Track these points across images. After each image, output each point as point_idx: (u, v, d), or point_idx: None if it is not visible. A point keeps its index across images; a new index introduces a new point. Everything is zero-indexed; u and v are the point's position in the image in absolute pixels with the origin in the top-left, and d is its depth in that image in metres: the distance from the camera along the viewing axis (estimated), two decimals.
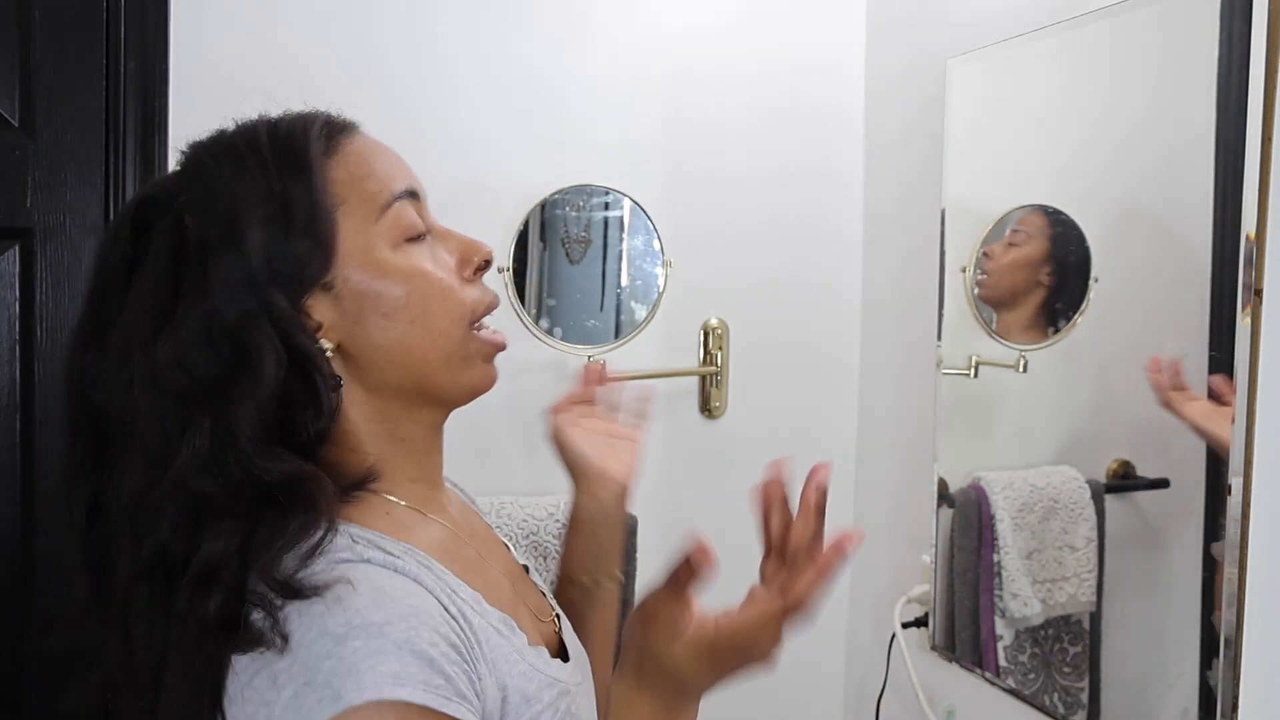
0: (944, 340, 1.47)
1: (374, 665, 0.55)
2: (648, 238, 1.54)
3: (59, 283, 1.27)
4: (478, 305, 0.71)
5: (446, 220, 0.75)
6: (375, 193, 0.67)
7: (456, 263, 0.71)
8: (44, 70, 1.25)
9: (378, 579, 0.60)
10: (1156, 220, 1.19)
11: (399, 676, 0.56)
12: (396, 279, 0.67)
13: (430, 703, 0.56)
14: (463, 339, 0.69)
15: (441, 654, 0.58)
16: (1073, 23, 1.24)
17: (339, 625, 0.56)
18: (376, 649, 0.56)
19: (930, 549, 1.49)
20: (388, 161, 0.70)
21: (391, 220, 0.67)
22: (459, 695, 0.59)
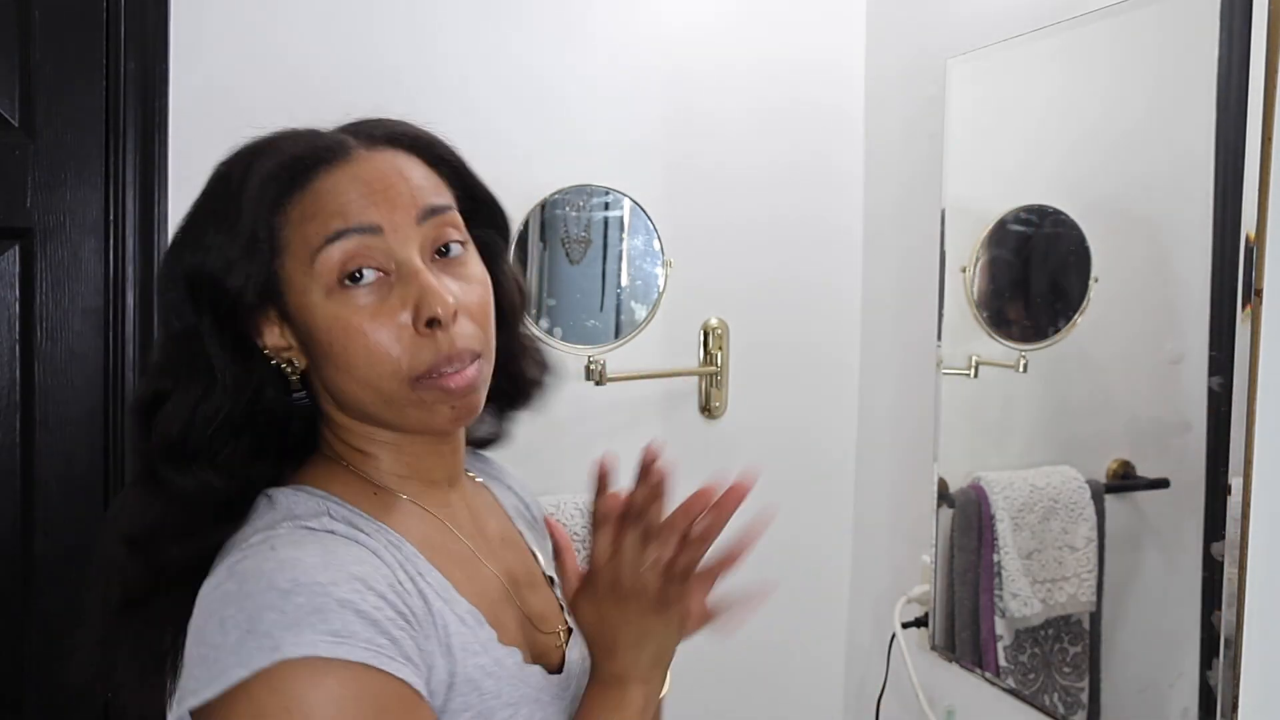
0: (944, 340, 1.47)
1: (314, 623, 0.57)
2: (648, 238, 1.54)
3: (59, 283, 1.27)
4: (417, 364, 0.66)
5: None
6: (311, 235, 0.66)
7: (410, 314, 0.65)
8: (44, 70, 1.25)
9: (333, 545, 0.63)
10: (1156, 220, 1.19)
11: (338, 634, 0.57)
12: (320, 326, 0.66)
13: (371, 660, 0.57)
14: (397, 390, 0.66)
15: (386, 617, 0.60)
16: (1073, 23, 1.24)
17: (286, 581, 0.58)
18: (319, 606, 0.57)
19: (930, 549, 1.49)
20: (344, 199, 0.66)
21: (321, 264, 0.65)
22: (404, 657, 0.60)
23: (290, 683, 0.56)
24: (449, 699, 0.64)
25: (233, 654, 0.57)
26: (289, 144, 0.68)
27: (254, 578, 0.59)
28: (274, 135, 0.70)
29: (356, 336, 0.65)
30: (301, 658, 0.56)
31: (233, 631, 0.57)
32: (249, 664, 0.56)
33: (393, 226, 0.66)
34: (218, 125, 1.33)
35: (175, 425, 0.67)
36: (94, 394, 1.29)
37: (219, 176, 0.71)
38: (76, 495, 1.29)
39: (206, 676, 0.57)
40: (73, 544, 1.29)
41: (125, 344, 1.30)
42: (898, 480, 1.65)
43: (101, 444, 1.30)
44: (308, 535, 0.63)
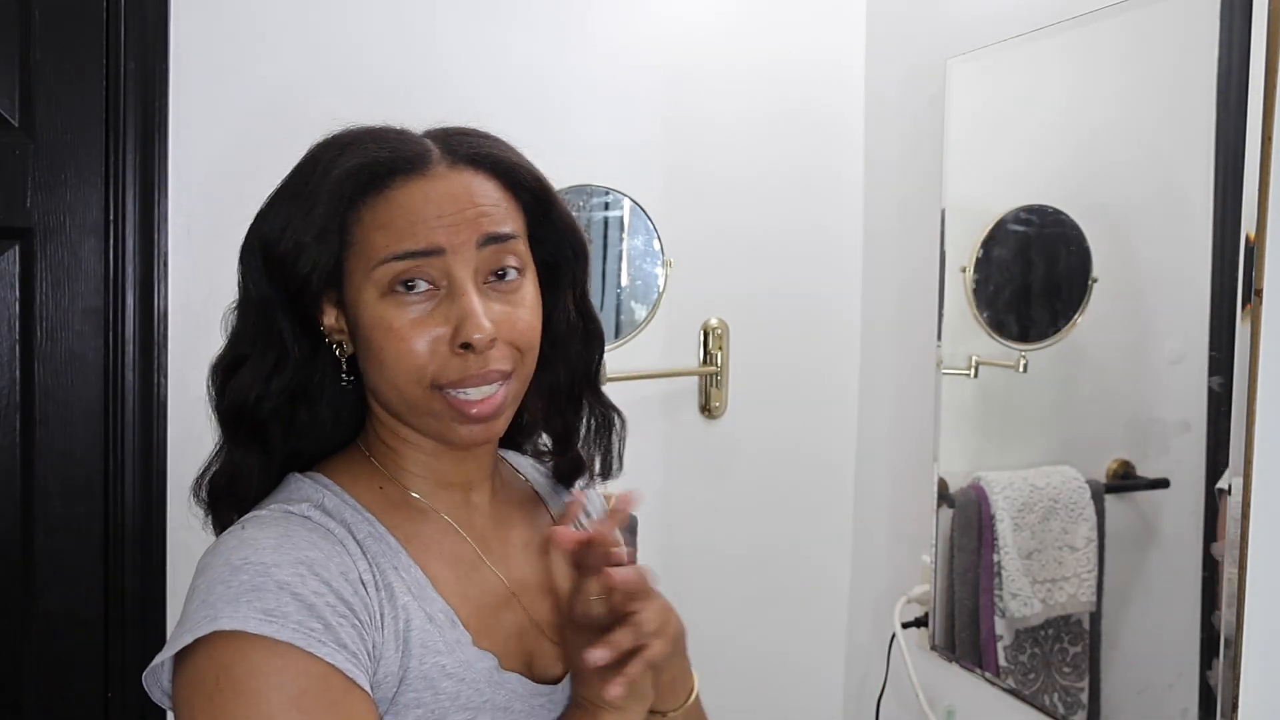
0: (944, 340, 1.47)
1: (250, 599, 0.61)
2: (648, 238, 1.54)
3: (59, 283, 1.27)
4: (442, 375, 0.68)
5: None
6: (378, 245, 0.69)
7: (449, 330, 0.68)
8: (44, 70, 1.25)
9: (294, 529, 0.66)
10: (1157, 220, 1.19)
11: (270, 613, 0.60)
12: (366, 323, 0.70)
13: (297, 641, 0.60)
14: (423, 396, 0.69)
15: (325, 603, 0.62)
16: (1073, 23, 1.24)
17: (238, 559, 0.63)
18: (258, 585, 0.61)
19: (930, 549, 1.49)
20: (416, 218, 0.68)
21: (380, 273, 0.69)
22: (336, 643, 0.62)
23: (220, 653, 0.60)
24: (399, 692, 0.66)
25: (186, 621, 0.62)
26: (375, 144, 0.71)
27: (220, 552, 0.64)
28: (366, 130, 0.73)
29: (395, 340, 0.68)
30: (232, 630, 0.60)
31: (193, 600, 0.63)
32: (193, 630, 0.61)
33: (454, 248, 0.68)
34: (218, 125, 1.34)
35: (250, 392, 0.71)
36: (94, 394, 1.29)
37: (309, 159, 0.72)
38: (76, 495, 1.29)
39: (170, 641, 0.63)
40: (73, 544, 1.29)
41: (125, 344, 1.30)
42: (898, 480, 1.65)
43: (101, 444, 1.30)
44: (280, 519, 0.67)
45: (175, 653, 0.62)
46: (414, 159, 0.70)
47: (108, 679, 1.31)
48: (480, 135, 0.74)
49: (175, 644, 0.62)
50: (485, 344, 0.68)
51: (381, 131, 0.72)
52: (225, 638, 0.60)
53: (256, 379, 0.71)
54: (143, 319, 1.30)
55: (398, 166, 0.69)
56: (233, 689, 0.59)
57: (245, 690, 0.59)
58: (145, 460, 1.31)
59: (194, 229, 1.33)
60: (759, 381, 1.68)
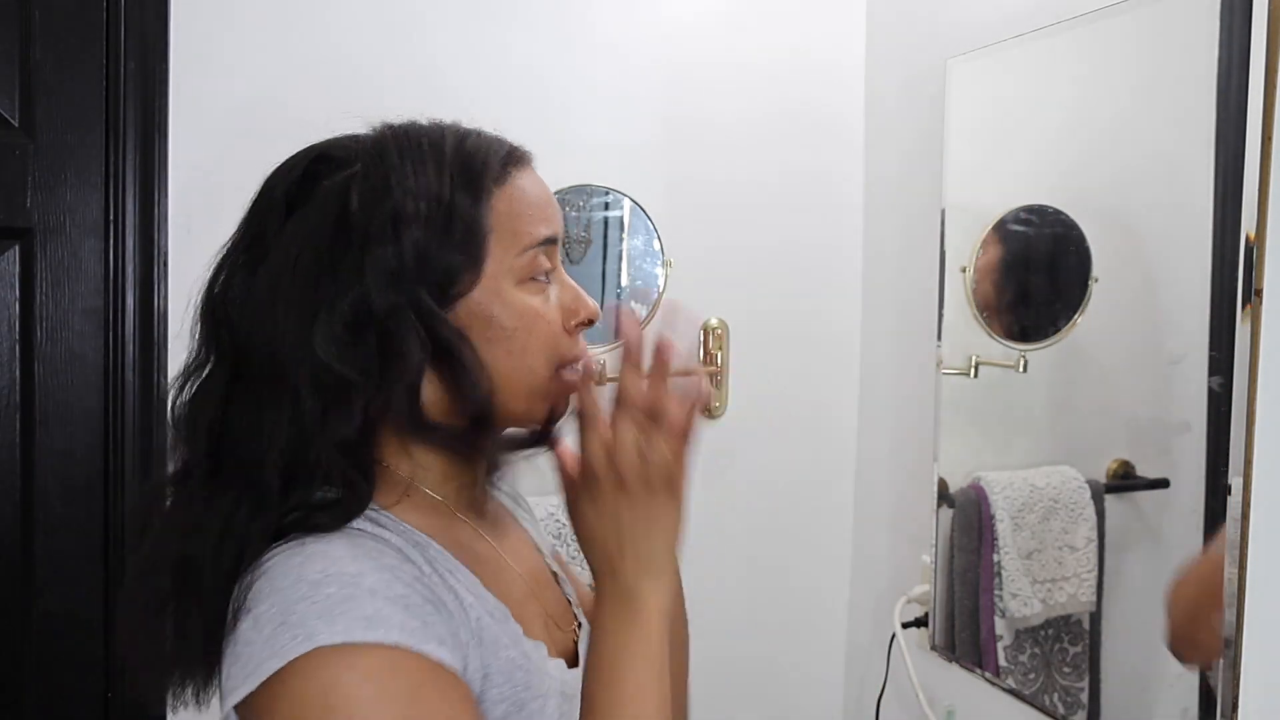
0: (944, 340, 1.47)
1: (347, 610, 0.58)
2: (648, 238, 1.54)
3: (59, 283, 1.27)
4: (569, 354, 0.73)
5: None
6: (522, 232, 0.70)
7: (564, 312, 0.73)
8: (44, 70, 1.25)
9: (359, 540, 0.64)
10: (1157, 220, 1.19)
11: (371, 620, 0.58)
12: (512, 313, 0.70)
13: (405, 642, 0.59)
14: (547, 378, 0.72)
15: (415, 603, 0.61)
16: (1073, 23, 1.24)
17: (315, 573, 0.60)
18: (349, 595, 0.59)
19: (930, 549, 1.49)
20: (542, 203, 0.72)
21: (526, 261, 0.70)
22: (437, 639, 0.61)
23: (325, 670, 0.57)
24: (485, 690, 0.66)
25: (266, 647, 0.58)
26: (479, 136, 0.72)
27: (283, 573, 0.60)
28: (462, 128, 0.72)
29: (543, 325, 0.71)
30: (335, 644, 0.57)
31: (266, 626, 0.58)
32: (283, 654, 0.57)
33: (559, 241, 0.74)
34: (218, 125, 1.34)
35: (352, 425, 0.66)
36: (94, 394, 1.29)
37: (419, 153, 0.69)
38: (76, 495, 1.29)
39: (243, 674, 0.58)
40: (73, 544, 1.29)
41: (125, 344, 1.30)
42: (898, 480, 1.65)
43: (101, 444, 1.30)
44: (341, 533, 0.64)
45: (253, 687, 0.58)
46: (523, 153, 0.74)
47: (108, 679, 1.31)
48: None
49: (255, 675, 0.57)
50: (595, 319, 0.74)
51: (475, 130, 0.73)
52: (324, 655, 0.57)
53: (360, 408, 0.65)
54: (143, 319, 1.31)
55: (519, 157, 0.73)
56: (346, 704, 0.57)
57: (360, 700, 0.57)
58: (145, 460, 1.31)
59: (194, 229, 1.33)
60: (759, 381, 1.68)
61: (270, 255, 0.68)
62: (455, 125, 0.73)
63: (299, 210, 0.69)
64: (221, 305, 0.69)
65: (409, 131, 0.71)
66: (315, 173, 0.70)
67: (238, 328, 0.68)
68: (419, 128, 0.71)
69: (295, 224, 0.68)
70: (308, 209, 0.68)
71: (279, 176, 0.71)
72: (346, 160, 0.70)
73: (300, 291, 0.65)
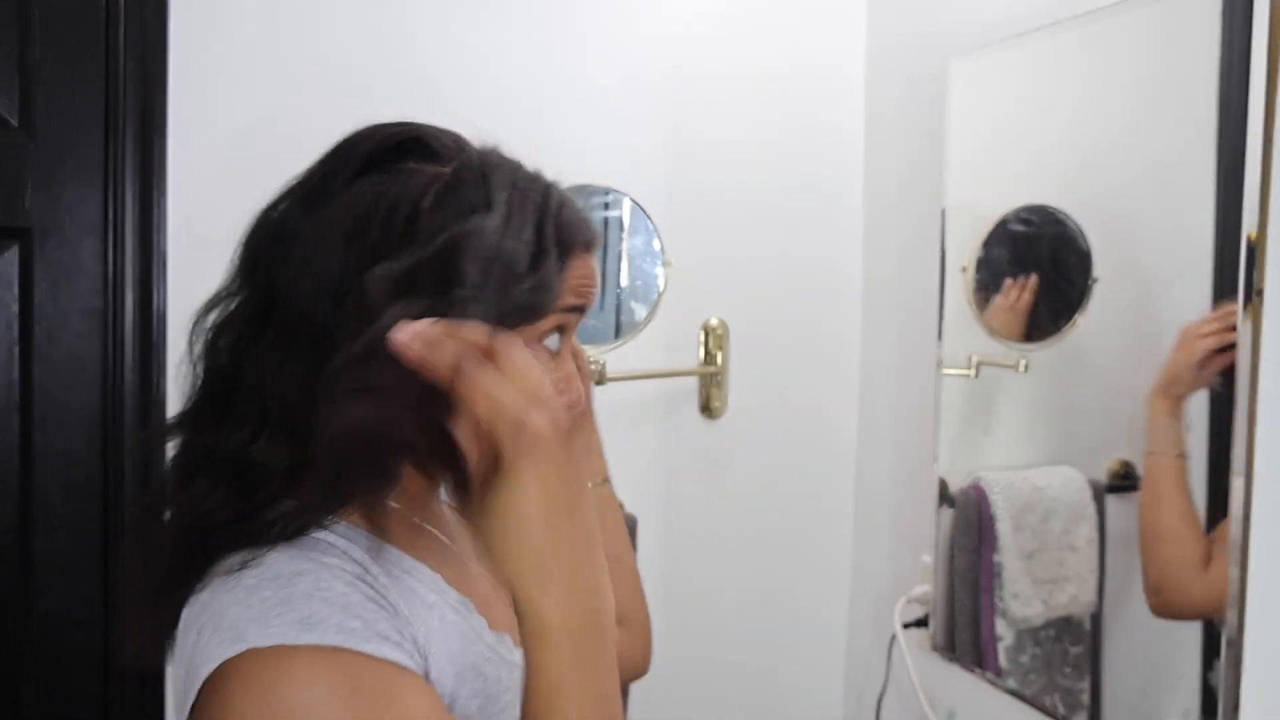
0: (944, 340, 1.47)
1: (281, 613, 0.57)
2: (648, 238, 1.54)
3: (58, 283, 1.27)
4: None
5: None
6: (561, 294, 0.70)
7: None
8: (44, 70, 1.25)
9: (302, 543, 0.62)
10: (1156, 220, 1.19)
11: (306, 622, 0.57)
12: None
13: (341, 642, 0.57)
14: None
15: (355, 601, 0.59)
16: (1073, 23, 1.24)
17: (251, 578, 0.59)
18: (285, 598, 0.58)
19: (930, 549, 1.49)
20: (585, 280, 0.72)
21: (548, 321, 0.70)
22: (379, 636, 0.59)
23: (260, 675, 0.56)
24: (458, 688, 0.65)
25: (200, 653, 0.57)
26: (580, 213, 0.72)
27: (221, 583, 0.60)
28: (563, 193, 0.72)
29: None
30: (269, 647, 0.56)
31: (203, 634, 0.58)
32: (215, 657, 0.56)
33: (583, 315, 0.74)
34: (217, 125, 1.34)
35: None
36: (94, 394, 1.29)
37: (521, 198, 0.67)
38: (76, 495, 1.29)
39: (184, 687, 0.58)
40: (73, 544, 1.29)
41: (125, 344, 1.30)
42: (898, 480, 1.65)
43: (101, 444, 1.30)
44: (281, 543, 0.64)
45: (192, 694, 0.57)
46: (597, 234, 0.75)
47: (108, 679, 1.31)
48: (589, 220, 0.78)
49: (193, 685, 0.56)
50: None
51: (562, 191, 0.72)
52: (258, 658, 0.56)
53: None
54: (142, 319, 1.30)
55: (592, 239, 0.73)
56: (284, 708, 0.55)
57: (296, 706, 0.55)
58: (145, 460, 1.31)
59: (194, 229, 1.32)
60: (759, 381, 1.68)
61: (329, 205, 0.66)
62: (556, 185, 0.72)
63: (373, 174, 0.67)
64: (268, 236, 0.68)
65: (515, 173, 0.69)
66: (407, 149, 0.68)
67: (274, 262, 0.66)
68: (524, 173, 0.70)
69: (365, 185, 0.66)
70: (383, 178, 0.66)
71: (368, 133, 0.69)
72: (443, 156, 0.68)
73: (343, 258, 0.63)
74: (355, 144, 0.69)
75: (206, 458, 0.65)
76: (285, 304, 0.65)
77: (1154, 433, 1.13)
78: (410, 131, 0.70)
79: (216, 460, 0.65)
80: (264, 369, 0.65)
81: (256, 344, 0.66)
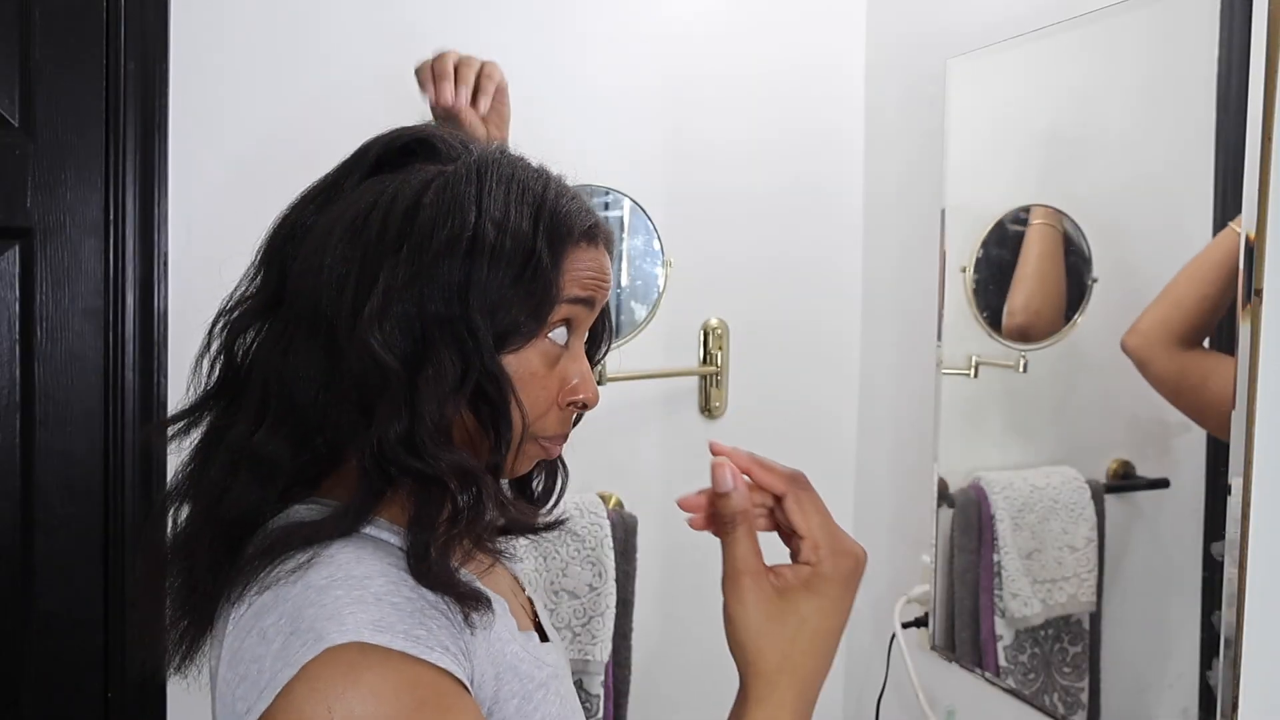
0: (944, 340, 1.47)
1: (355, 612, 0.57)
2: (648, 238, 1.54)
3: (59, 283, 1.27)
4: (546, 429, 0.71)
5: None
6: (563, 288, 0.69)
7: (561, 384, 0.71)
8: (44, 70, 1.25)
9: (362, 544, 0.63)
10: (1156, 220, 1.19)
11: (378, 624, 0.57)
12: (515, 362, 0.68)
13: (411, 650, 0.58)
14: (517, 442, 0.69)
15: (419, 608, 0.60)
16: (1073, 23, 1.24)
17: (321, 578, 0.59)
18: (358, 598, 0.58)
19: (930, 549, 1.49)
20: (591, 272, 0.71)
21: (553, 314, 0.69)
22: (441, 647, 0.60)
23: (330, 680, 0.56)
24: (499, 689, 0.66)
25: (279, 659, 0.57)
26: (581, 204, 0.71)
27: (288, 584, 0.60)
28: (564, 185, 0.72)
29: (533, 388, 0.69)
30: (344, 644, 0.56)
31: (276, 638, 0.57)
32: (295, 662, 0.56)
33: (593, 310, 0.72)
34: (218, 125, 1.34)
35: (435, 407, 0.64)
36: (94, 394, 1.29)
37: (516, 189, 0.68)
38: (76, 495, 1.29)
39: (254, 690, 0.57)
40: (73, 544, 1.29)
41: (125, 344, 1.30)
42: (898, 480, 1.65)
43: (101, 444, 1.30)
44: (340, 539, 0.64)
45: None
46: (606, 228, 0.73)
47: (108, 679, 1.31)
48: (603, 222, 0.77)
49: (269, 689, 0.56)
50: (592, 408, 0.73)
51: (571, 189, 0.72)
52: (334, 654, 0.56)
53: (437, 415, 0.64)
54: (143, 319, 1.31)
55: (596, 233, 0.71)
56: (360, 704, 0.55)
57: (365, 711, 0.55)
58: (145, 460, 1.31)
59: (194, 229, 1.33)
60: (759, 381, 1.68)
61: (337, 204, 0.68)
62: (559, 179, 0.72)
63: (381, 175, 0.69)
64: (284, 234, 0.70)
65: (514, 165, 0.70)
66: (413, 151, 0.70)
67: (286, 260, 0.69)
68: (525, 166, 0.71)
69: (371, 185, 0.68)
70: (388, 177, 0.68)
71: (379, 138, 0.72)
72: (447, 156, 0.70)
73: (350, 250, 0.65)
74: (368, 148, 0.71)
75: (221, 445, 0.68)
76: (291, 298, 0.67)
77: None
78: (419, 134, 0.71)
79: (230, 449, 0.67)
80: (267, 360, 0.67)
81: (262, 336, 0.69)
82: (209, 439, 0.71)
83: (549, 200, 0.68)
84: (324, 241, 0.66)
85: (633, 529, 1.51)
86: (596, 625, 1.44)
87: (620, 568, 1.47)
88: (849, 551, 0.70)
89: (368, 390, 0.63)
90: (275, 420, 0.66)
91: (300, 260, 0.67)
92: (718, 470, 0.73)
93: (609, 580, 1.45)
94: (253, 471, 0.66)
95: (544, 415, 0.70)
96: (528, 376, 0.68)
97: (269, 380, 0.66)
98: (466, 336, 0.64)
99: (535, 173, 0.71)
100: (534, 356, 0.69)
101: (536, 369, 0.69)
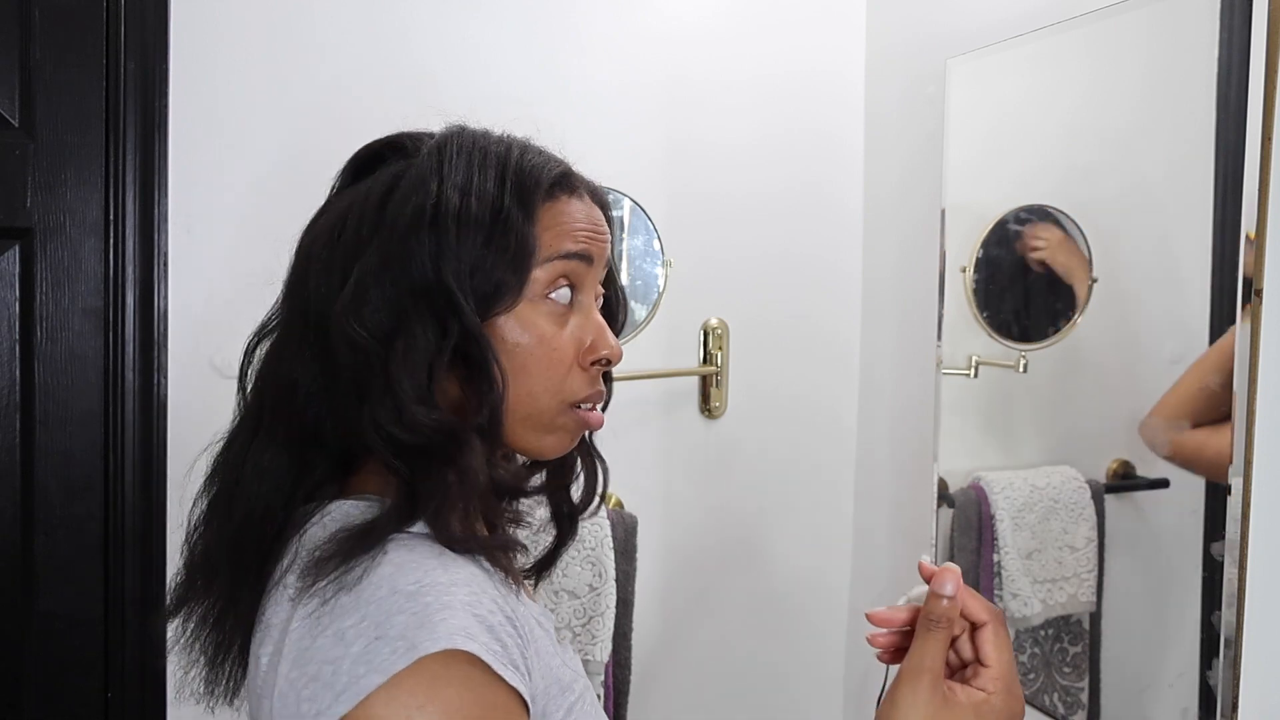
0: (944, 340, 1.47)
1: (445, 618, 0.57)
2: (648, 238, 1.54)
3: (59, 283, 1.27)
4: (575, 393, 0.71)
5: None
6: (545, 244, 0.69)
7: (577, 345, 0.71)
8: (44, 70, 1.25)
9: (415, 544, 0.63)
10: (1156, 220, 1.19)
11: (468, 631, 0.57)
12: (519, 327, 0.68)
13: (492, 662, 0.58)
14: (551, 409, 0.70)
15: (498, 623, 0.60)
16: (1073, 23, 1.24)
17: (410, 583, 0.59)
18: (446, 604, 0.58)
19: (930, 549, 1.49)
20: (580, 223, 0.71)
21: (546, 275, 0.69)
22: (512, 664, 0.60)
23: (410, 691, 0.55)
24: (547, 704, 0.66)
25: (362, 663, 0.56)
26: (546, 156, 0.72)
27: (372, 586, 0.59)
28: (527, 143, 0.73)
29: (544, 349, 0.69)
30: (439, 650, 0.56)
31: (356, 641, 0.57)
32: (385, 669, 0.55)
33: (597, 261, 0.72)
34: (218, 125, 1.34)
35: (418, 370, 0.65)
36: (94, 394, 1.29)
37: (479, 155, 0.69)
38: (76, 495, 1.29)
39: (331, 693, 0.56)
40: (73, 544, 1.29)
41: (125, 344, 1.30)
42: (898, 480, 1.65)
43: (101, 444, 1.30)
44: (414, 540, 0.63)
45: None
46: (575, 179, 0.73)
47: (108, 679, 1.31)
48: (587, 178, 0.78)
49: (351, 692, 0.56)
50: (615, 363, 0.72)
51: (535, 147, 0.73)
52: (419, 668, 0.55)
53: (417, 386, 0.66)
54: (143, 319, 1.31)
55: (568, 182, 0.71)
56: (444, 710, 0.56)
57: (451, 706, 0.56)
58: (145, 460, 1.31)
59: (194, 229, 1.33)
60: (759, 381, 1.68)
61: (323, 217, 0.72)
62: (524, 140, 0.73)
63: (357, 184, 0.72)
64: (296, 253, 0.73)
65: (475, 136, 0.71)
66: (383, 155, 0.73)
67: (290, 275, 0.72)
68: (486, 135, 0.72)
69: (348, 193, 0.71)
70: (363, 184, 0.71)
71: (356, 154, 0.75)
72: (413, 150, 0.71)
73: (329, 253, 0.68)
74: (346, 168, 0.75)
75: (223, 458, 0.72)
76: (285, 312, 0.71)
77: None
78: (389, 139, 0.74)
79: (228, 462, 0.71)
80: (262, 372, 0.71)
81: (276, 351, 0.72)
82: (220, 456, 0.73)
83: (513, 158, 0.69)
84: (308, 253, 0.70)
85: (633, 529, 1.51)
86: (596, 625, 1.44)
87: (620, 568, 1.47)
88: (1019, 698, 0.73)
89: (360, 380, 0.65)
90: (268, 429, 0.68)
91: (290, 274, 0.71)
92: (947, 574, 0.74)
93: (609, 580, 1.45)
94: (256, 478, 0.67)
95: (566, 377, 0.70)
96: (536, 339, 0.68)
97: (264, 390, 0.69)
98: (442, 302, 0.65)
99: (497, 139, 0.72)
100: (537, 318, 0.69)
101: (544, 330, 0.69)
